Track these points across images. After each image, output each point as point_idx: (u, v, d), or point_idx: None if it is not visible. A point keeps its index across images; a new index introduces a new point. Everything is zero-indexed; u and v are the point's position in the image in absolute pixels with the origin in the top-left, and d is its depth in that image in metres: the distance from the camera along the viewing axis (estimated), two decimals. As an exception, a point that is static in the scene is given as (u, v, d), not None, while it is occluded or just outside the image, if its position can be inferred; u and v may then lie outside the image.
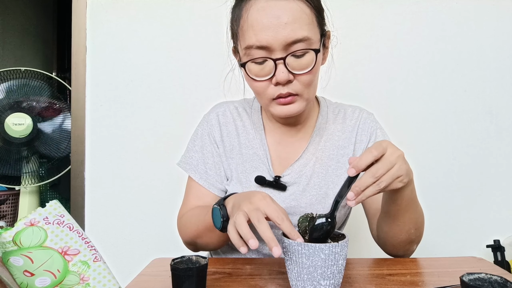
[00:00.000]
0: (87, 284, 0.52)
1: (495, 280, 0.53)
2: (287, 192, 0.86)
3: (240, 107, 0.94)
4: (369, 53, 1.53)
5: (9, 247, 0.49)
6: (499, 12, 1.55)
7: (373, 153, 0.59)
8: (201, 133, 0.93)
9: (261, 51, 0.73)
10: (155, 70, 1.54)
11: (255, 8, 0.72)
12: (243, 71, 0.79)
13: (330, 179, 0.87)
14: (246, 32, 0.73)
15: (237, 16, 0.77)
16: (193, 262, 0.63)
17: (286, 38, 0.71)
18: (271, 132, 0.90)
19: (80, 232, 0.55)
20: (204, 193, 0.89)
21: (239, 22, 0.76)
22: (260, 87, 0.77)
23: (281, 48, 0.72)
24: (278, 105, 0.78)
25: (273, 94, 0.76)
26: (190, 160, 0.92)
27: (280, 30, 0.70)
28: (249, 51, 0.74)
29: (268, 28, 0.70)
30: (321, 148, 0.88)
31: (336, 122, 0.91)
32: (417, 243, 0.83)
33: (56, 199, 0.56)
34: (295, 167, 0.87)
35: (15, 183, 2.06)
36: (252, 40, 0.72)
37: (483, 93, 1.55)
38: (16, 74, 1.97)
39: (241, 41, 0.76)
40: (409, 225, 0.76)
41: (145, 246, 1.54)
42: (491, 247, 1.47)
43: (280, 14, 0.71)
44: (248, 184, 0.86)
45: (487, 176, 1.56)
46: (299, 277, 0.60)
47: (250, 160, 0.88)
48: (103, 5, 1.53)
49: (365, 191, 0.59)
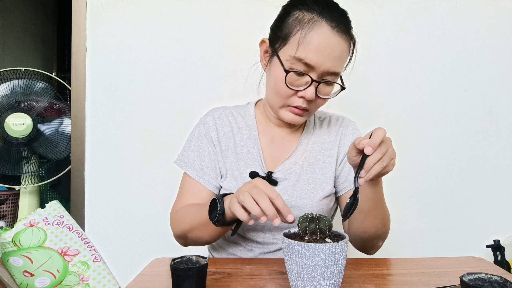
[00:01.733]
0: (87, 284, 0.52)
1: (495, 280, 0.53)
2: (278, 187, 0.93)
3: (234, 111, 1.02)
4: (369, 53, 1.53)
5: (9, 247, 0.49)
6: (499, 12, 1.55)
7: (381, 136, 0.67)
8: (198, 134, 0.99)
9: (305, 66, 0.82)
10: (155, 70, 1.54)
11: (320, 32, 0.80)
12: (277, 72, 0.85)
13: (317, 177, 0.95)
14: (301, 45, 0.81)
15: (298, 24, 0.82)
16: (193, 262, 0.63)
17: (329, 68, 0.82)
18: (264, 133, 0.99)
19: (79, 233, 0.55)
20: (200, 188, 0.95)
21: (298, 32, 0.82)
22: (286, 92, 0.85)
23: (320, 73, 0.83)
24: (289, 112, 0.89)
25: (292, 103, 0.87)
26: (186, 159, 0.98)
27: (329, 60, 0.81)
28: (295, 61, 0.82)
29: (322, 54, 0.81)
30: (309, 149, 0.98)
31: (322, 127, 1.02)
32: (383, 239, 0.92)
33: (56, 199, 0.56)
34: (285, 165, 0.95)
35: (15, 183, 2.06)
36: (303, 55, 0.81)
37: (483, 93, 1.55)
38: (16, 74, 1.97)
39: (291, 48, 0.82)
40: (377, 221, 0.85)
41: (145, 246, 1.54)
42: (491, 247, 1.47)
43: (335, 48, 0.81)
44: (243, 179, 0.93)
45: (487, 176, 1.56)
46: (299, 277, 0.60)
47: (244, 158, 0.95)
48: (103, 5, 1.53)
49: (371, 169, 0.67)
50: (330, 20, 0.81)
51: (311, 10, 0.82)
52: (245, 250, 0.94)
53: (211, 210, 0.79)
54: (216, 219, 0.76)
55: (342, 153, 0.98)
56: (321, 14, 0.81)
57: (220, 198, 0.77)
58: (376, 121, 1.53)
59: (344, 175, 0.97)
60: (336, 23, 0.81)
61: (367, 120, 1.51)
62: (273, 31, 0.89)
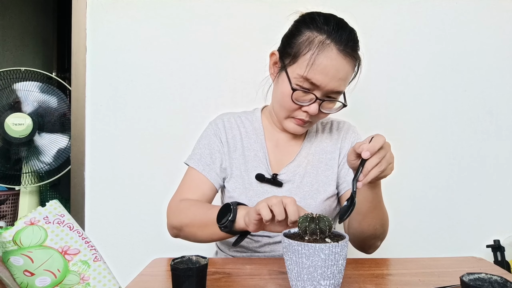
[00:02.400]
0: (87, 283, 0.52)
1: (495, 280, 0.53)
2: (283, 188, 0.98)
3: (242, 116, 1.07)
4: (369, 53, 1.52)
5: (9, 246, 0.49)
6: (499, 12, 1.55)
7: (380, 142, 0.70)
8: (207, 134, 1.04)
9: (310, 85, 0.88)
10: (155, 70, 1.54)
11: (328, 56, 0.85)
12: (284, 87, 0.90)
13: (320, 178, 0.99)
14: (308, 65, 0.86)
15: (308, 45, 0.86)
16: (193, 262, 0.63)
17: (333, 88, 0.88)
18: (270, 138, 1.04)
19: (80, 232, 0.55)
20: (203, 181, 0.97)
21: (307, 53, 0.86)
22: (291, 106, 0.91)
23: (324, 91, 0.89)
24: (292, 123, 0.95)
25: (296, 115, 0.93)
26: (194, 156, 1.01)
27: (334, 81, 0.87)
28: (302, 79, 0.87)
29: (327, 76, 0.86)
30: (312, 153, 1.02)
31: (324, 132, 1.06)
32: (382, 239, 0.94)
33: (56, 199, 0.56)
34: (290, 167, 0.99)
35: (15, 183, 2.06)
36: (310, 75, 0.86)
37: (483, 93, 1.55)
38: (16, 74, 1.97)
39: (299, 67, 0.88)
40: (376, 222, 0.87)
41: (145, 246, 1.54)
42: (491, 247, 1.47)
43: (340, 70, 0.87)
44: (249, 181, 0.97)
45: (487, 176, 1.56)
46: (299, 277, 0.60)
47: (251, 161, 1.00)
48: (103, 5, 1.53)
49: (369, 173, 0.70)
50: (338, 42, 0.85)
51: (321, 31, 0.86)
52: (251, 242, 0.96)
53: (221, 214, 0.79)
54: (224, 225, 0.76)
55: (342, 155, 1.03)
56: (330, 36, 0.85)
57: (235, 205, 0.78)
58: (376, 121, 1.53)
59: (342, 176, 1.00)
60: (344, 46, 0.86)
61: (367, 120, 1.52)
62: (284, 46, 0.93)
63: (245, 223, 0.74)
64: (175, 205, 0.94)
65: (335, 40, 0.85)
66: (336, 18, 0.90)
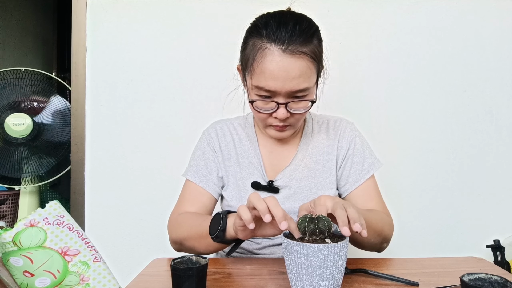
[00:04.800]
0: (87, 284, 0.52)
1: (495, 280, 0.53)
2: (280, 195, 0.94)
3: (235, 122, 1.05)
4: (369, 53, 1.53)
5: (9, 247, 0.49)
6: (499, 12, 1.55)
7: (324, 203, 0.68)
8: (201, 144, 1.02)
9: (267, 93, 0.83)
10: (155, 70, 1.54)
11: (270, 59, 0.80)
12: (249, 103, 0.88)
13: (318, 182, 0.96)
14: (258, 75, 0.82)
15: (252, 54, 0.83)
16: (193, 262, 0.63)
17: (291, 88, 0.81)
18: (264, 143, 1.01)
19: (80, 233, 0.55)
20: (201, 193, 0.97)
21: (253, 62, 0.83)
22: (261, 116, 0.88)
23: (284, 95, 0.83)
24: (273, 130, 0.91)
25: (271, 123, 0.89)
26: (190, 169, 1.00)
27: (287, 82, 0.81)
28: (257, 89, 0.84)
29: (277, 79, 0.80)
30: (308, 155, 0.99)
31: (320, 132, 1.02)
32: (386, 242, 0.92)
33: (56, 199, 0.56)
34: (286, 172, 0.96)
35: (15, 183, 2.06)
36: (262, 84, 0.82)
37: (483, 93, 1.55)
38: (16, 74, 1.97)
39: (252, 78, 0.84)
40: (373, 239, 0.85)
41: (145, 246, 1.54)
42: (491, 247, 1.47)
43: (289, 69, 0.80)
44: (245, 189, 0.95)
45: (487, 176, 1.56)
46: (298, 277, 0.60)
47: (246, 168, 0.98)
48: (103, 5, 1.53)
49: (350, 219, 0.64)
50: (279, 42, 0.79)
51: (261, 36, 0.81)
52: (252, 243, 0.96)
53: (213, 225, 0.77)
54: (215, 235, 0.75)
55: (340, 156, 0.99)
56: (269, 38, 0.80)
57: (225, 214, 0.77)
58: (376, 121, 1.53)
59: (344, 177, 0.97)
60: (287, 44, 0.79)
61: (367, 120, 1.52)
62: (240, 59, 0.91)
63: (234, 231, 0.73)
64: (174, 218, 0.94)
65: (276, 41, 0.79)
66: (278, 16, 0.83)
